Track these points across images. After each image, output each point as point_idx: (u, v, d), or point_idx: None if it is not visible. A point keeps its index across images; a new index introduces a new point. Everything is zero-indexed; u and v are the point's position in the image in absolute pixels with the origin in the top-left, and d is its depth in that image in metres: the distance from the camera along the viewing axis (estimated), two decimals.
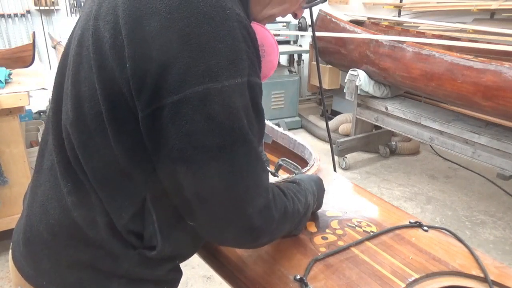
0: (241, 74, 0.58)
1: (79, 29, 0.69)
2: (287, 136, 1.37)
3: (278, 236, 0.79)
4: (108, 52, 0.60)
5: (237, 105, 0.58)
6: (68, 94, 0.68)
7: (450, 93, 2.69)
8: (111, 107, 0.61)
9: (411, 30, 3.58)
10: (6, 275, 2.18)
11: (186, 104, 0.56)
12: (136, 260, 0.70)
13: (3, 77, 2.14)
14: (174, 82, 0.56)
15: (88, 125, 0.64)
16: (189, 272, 2.26)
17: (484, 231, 2.73)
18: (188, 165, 0.59)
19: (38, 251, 0.73)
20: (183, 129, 0.57)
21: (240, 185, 0.61)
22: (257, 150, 0.62)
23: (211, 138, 0.58)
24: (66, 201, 0.69)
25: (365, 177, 3.48)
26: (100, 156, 0.65)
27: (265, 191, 0.65)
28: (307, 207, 0.84)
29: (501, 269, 0.86)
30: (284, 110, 4.45)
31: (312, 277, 0.79)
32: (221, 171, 0.59)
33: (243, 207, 0.62)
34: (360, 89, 3.37)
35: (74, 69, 0.67)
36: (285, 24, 4.44)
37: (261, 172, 0.64)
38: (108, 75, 0.60)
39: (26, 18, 3.76)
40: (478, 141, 2.66)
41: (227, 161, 0.59)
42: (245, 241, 0.69)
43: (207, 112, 0.57)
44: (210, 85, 0.56)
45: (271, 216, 0.67)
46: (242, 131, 0.59)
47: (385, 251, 0.87)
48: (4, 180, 2.13)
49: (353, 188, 1.20)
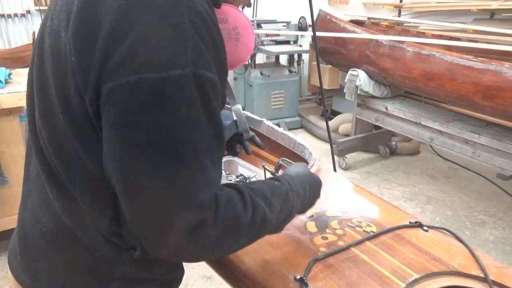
0: (182, 65, 0.52)
1: (38, 32, 0.68)
2: (287, 136, 1.37)
3: (234, 248, 0.67)
4: (63, 55, 0.58)
5: (174, 100, 0.52)
6: (36, 105, 0.67)
7: (450, 93, 2.69)
8: (69, 112, 0.59)
9: (411, 30, 3.58)
10: (6, 275, 2.18)
11: (118, 93, 0.52)
12: (130, 261, 0.68)
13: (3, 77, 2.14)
14: (111, 70, 0.52)
15: (58, 133, 0.63)
16: (189, 272, 2.26)
17: (484, 231, 2.73)
18: (115, 163, 0.55)
19: (35, 259, 0.72)
20: (112, 120, 0.53)
21: (166, 195, 0.54)
22: (196, 156, 0.55)
23: (139, 134, 0.52)
24: (55, 208, 0.67)
25: (365, 177, 3.48)
26: (73, 162, 0.62)
27: (198, 205, 0.55)
28: (287, 211, 0.72)
29: (501, 269, 0.86)
30: (284, 110, 4.45)
31: (312, 277, 0.79)
32: (148, 175, 0.53)
33: (169, 220, 0.55)
34: (360, 89, 3.37)
35: (38, 75, 0.66)
36: (285, 24, 4.45)
37: (198, 182, 0.55)
38: (64, 76, 0.58)
39: (26, 18, 3.75)
40: (478, 141, 2.66)
41: (155, 163, 0.53)
42: (179, 257, 0.63)
43: (138, 104, 0.52)
44: (146, 75, 0.51)
45: (205, 235, 0.57)
46: (176, 129, 0.53)
47: (385, 251, 0.88)
48: (4, 180, 2.13)
49: (353, 188, 1.20)
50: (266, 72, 4.31)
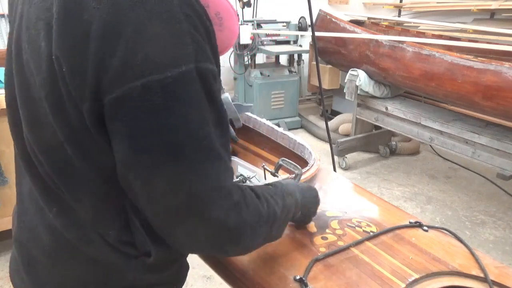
0: (186, 61, 0.51)
1: (10, 42, 0.65)
2: (287, 136, 1.37)
3: (259, 241, 0.69)
4: (48, 67, 0.55)
5: (184, 97, 0.52)
6: (23, 118, 0.64)
7: (450, 93, 2.69)
8: (65, 122, 0.57)
9: (411, 30, 3.58)
10: (6, 275, 2.18)
11: (125, 102, 0.50)
12: (140, 268, 0.67)
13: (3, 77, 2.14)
14: (111, 78, 0.50)
15: (55, 145, 0.60)
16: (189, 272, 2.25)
17: (484, 231, 2.73)
18: (136, 170, 0.54)
19: (41, 277, 0.71)
20: (124, 131, 0.52)
21: (196, 192, 0.54)
22: (213, 147, 0.55)
23: (157, 138, 0.52)
24: (55, 225, 0.65)
25: (365, 177, 3.48)
26: (74, 173, 0.61)
27: (227, 192, 0.57)
28: (286, 210, 0.75)
29: (501, 269, 0.86)
30: (284, 110, 4.45)
31: (312, 277, 0.79)
32: (170, 174, 0.53)
33: (201, 213, 0.55)
34: (360, 89, 3.37)
35: (21, 86, 0.63)
36: (285, 24, 4.45)
37: (220, 171, 0.56)
38: (53, 87, 0.56)
39: None
40: (478, 141, 2.66)
41: (176, 162, 0.53)
42: (223, 245, 0.61)
43: (149, 109, 0.50)
44: (151, 77, 0.49)
45: (240, 219, 0.59)
46: (191, 127, 0.53)
47: (385, 251, 0.88)
48: (4, 180, 2.13)
49: (353, 188, 1.20)
50: (266, 72, 4.31)
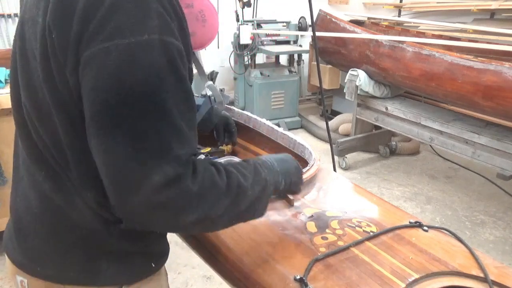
0: (149, 32, 0.59)
1: (17, 28, 0.75)
2: (287, 136, 1.37)
3: (219, 214, 0.68)
4: (42, 37, 0.63)
5: (145, 62, 0.58)
6: (23, 90, 0.72)
7: (450, 93, 2.69)
8: (54, 90, 0.65)
9: (411, 30, 3.58)
10: (6, 275, 2.18)
11: (93, 59, 0.58)
12: (118, 234, 0.73)
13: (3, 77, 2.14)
14: (86, 40, 0.59)
15: (47, 112, 0.67)
16: (189, 272, 2.26)
17: (484, 231, 2.73)
18: (94, 124, 0.60)
19: (29, 241, 0.76)
20: (89, 84, 0.59)
21: (142, 150, 0.59)
22: (168, 114, 0.60)
23: (114, 95, 0.58)
24: (44, 189, 0.72)
25: (365, 177, 3.48)
26: (61, 140, 0.68)
27: (176, 160, 0.60)
28: (262, 184, 0.76)
29: (501, 269, 0.86)
30: (284, 110, 4.45)
31: (312, 277, 0.80)
32: (124, 132, 0.58)
33: (146, 174, 0.58)
34: (360, 89, 3.37)
35: (22, 64, 0.72)
36: (285, 24, 4.45)
37: (172, 139, 0.61)
38: (46, 56, 0.63)
39: None
40: (478, 141, 2.66)
41: (130, 121, 0.59)
42: (162, 214, 0.62)
43: (112, 68, 0.58)
44: (117, 41, 0.57)
45: (184, 188, 0.61)
46: (148, 89, 0.59)
47: (385, 251, 0.88)
48: (4, 180, 2.14)
49: (353, 188, 1.20)
50: (266, 72, 4.31)
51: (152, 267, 0.81)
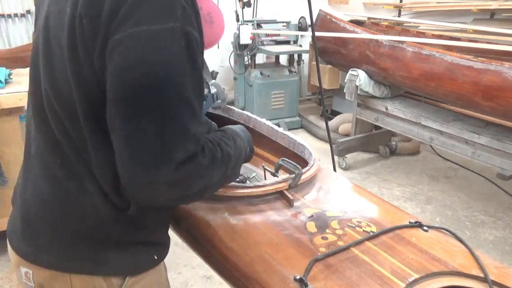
0: (173, 20, 0.64)
1: (42, 17, 0.77)
2: (287, 136, 1.37)
3: (214, 184, 0.77)
4: (71, 24, 0.67)
5: (168, 47, 0.64)
6: (45, 74, 0.74)
7: (450, 93, 2.69)
8: (80, 76, 0.68)
9: (411, 30, 3.58)
10: (6, 275, 2.18)
11: (121, 44, 0.63)
12: (126, 222, 0.76)
13: (3, 77, 2.14)
14: (116, 26, 0.63)
15: (66, 96, 0.71)
16: (189, 272, 2.26)
17: (484, 231, 2.73)
18: (121, 105, 0.64)
19: (36, 229, 0.78)
20: (117, 67, 0.64)
21: (167, 129, 0.64)
22: (187, 95, 0.66)
23: (141, 77, 0.63)
24: (57, 176, 0.74)
25: (365, 177, 3.48)
26: (83, 128, 0.71)
27: (194, 138, 0.67)
28: (239, 151, 0.87)
29: (501, 269, 0.86)
30: (284, 110, 4.44)
31: (312, 277, 0.80)
32: (151, 113, 0.63)
33: (171, 152, 0.64)
34: (360, 89, 3.37)
35: (45, 51, 0.74)
36: (285, 24, 4.45)
37: (192, 119, 0.67)
38: (73, 42, 0.67)
39: (26, 18, 3.75)
40: (478, 141, 2.66)
41: (156, 102, 0.64)
42: (176, 189, 0.68)
43: (139, 52, 0.63)
44: (144, 27, 0.63)
45: (198, 163, 0.68)
46: (172, 73, 0.64)
47: (385, 251, 0.88)
48: (4, 180, 2.13)
49: (353, 188, 1.20)
50: (266, 72, 4.31)
51: (155, 259, 0.84)
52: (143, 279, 0.82)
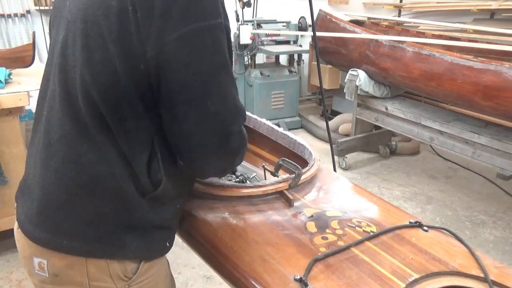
0: (220, 17, 0.75)
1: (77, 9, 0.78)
2: (287, 136, 1.37)
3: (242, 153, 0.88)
4: (119, 17, 0.71)
5: (221, 39, 0.75)
6: (82, 62, 0.75)
7: (450, 93, 2.69)
8: (129, 63, 0.72)
9: (411, 30, 3.58)
10: (6, 275, 2.18)
11: (184, 40, 0.70)
12: (146, 206, 0.81)
13: (3, 77, 2.14)
14: (174, 23, 0.69)
15: (116, 84, 0.74)
16: (189, 272, 2.26)
17: (484, 231, 2.73)
18: (187, 94, 0.72)
19: (57, 215, 0.79)
20: (181, 60, 0.71)
21: (227, 106, 0.76)
22: (233, 80, 0.79)
23: (204, 65, 0.73)
24: (83, 161, 0.77)
25: (365, 177, 3.48)
26: (122, 113, 0.75)
27: (243, 112, 0.80)
28: None
29: (501, 269, 0.86)
30: (284, 110, 4.45)
31: (312, 277, 0.80)
32: (213, 94, 0.74)
33: (228, 127, 0.76)
34: (360, 89, 3.37)
35: (84, 41, 0.75)
36: (285, 24, 4.45)
37: (238, 97, 0.80)
38: (124, 32, 0.71)
39: (26, 18, 3.76)
40: (478, 141, 2.66)
41: (216, 86, 0.74)
42: (226, 161, 0.82)
43: (201, 45, 0.71)
44: (202, 23, 0.71)
45: (245, 135, 0.82)
46: (226, 60, 0.76)
47: (385, 251, 0.88)
48: (4, 180, 2.13)
49: (353, 188, 1.20)
50: (266, 72, 4.31)
51: (166, 246, 0.88)
52: (155, 266, 0.87)
